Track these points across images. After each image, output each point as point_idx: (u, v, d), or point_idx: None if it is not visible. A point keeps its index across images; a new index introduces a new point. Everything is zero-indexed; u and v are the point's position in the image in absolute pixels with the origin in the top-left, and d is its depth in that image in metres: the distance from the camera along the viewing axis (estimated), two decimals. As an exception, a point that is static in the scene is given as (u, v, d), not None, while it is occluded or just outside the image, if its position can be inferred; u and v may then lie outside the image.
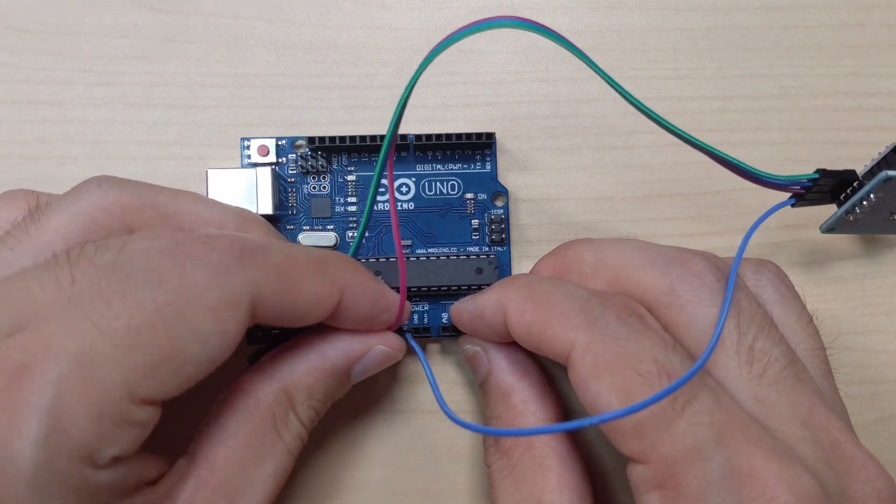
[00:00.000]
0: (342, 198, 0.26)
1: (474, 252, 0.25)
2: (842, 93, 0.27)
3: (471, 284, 0.25)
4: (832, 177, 0.23)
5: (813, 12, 0.27)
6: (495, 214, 0.26)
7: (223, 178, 0.24)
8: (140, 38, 0.27)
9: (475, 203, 0.26)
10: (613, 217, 0.26)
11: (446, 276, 0.25)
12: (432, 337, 0.26)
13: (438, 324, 0.26)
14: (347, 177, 0.26)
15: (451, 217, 0.26)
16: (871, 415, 0.26)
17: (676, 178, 0.27)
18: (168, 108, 0.26)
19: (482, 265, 0.25)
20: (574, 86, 0.27)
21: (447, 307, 0.25)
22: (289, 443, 0.21)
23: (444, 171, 0.26)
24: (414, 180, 0.26)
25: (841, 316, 0.26)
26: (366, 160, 0.26)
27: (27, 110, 0.26)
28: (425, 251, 0.26)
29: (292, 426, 0.21)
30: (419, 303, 0.26)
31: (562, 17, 0.27)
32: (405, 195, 0.26)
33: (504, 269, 0.26)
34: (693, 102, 0.27)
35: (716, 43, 0.27)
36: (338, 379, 0.22)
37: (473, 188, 0.26)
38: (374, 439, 0.26)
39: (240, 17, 0.27)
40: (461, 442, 0.26)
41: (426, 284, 0.25)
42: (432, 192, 0.26)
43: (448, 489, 0.26)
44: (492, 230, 0.26)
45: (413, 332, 0.25)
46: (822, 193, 0.24)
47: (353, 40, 0.27)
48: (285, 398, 0.21)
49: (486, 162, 0.26)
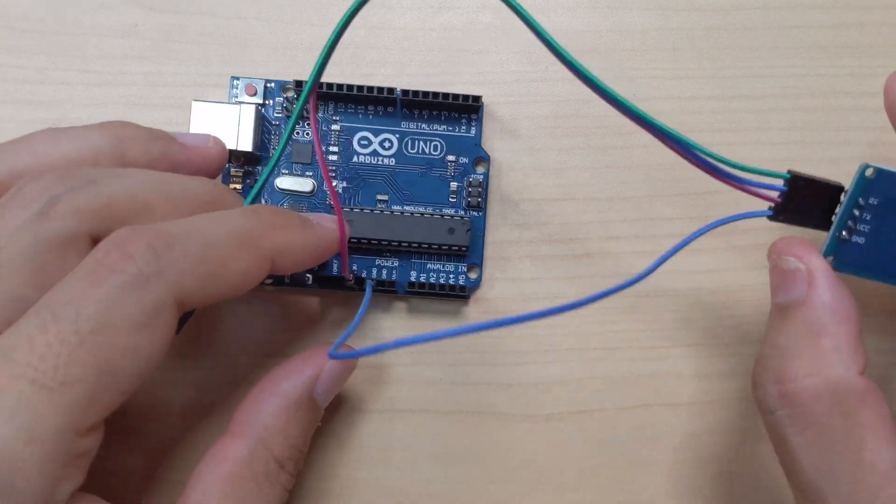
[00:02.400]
0: (324, 146, 0.26)
1: (450, 214, 0.26)
2: (842, 93, 0.27)
3: (441, 244, 0.25)
4: (809, 184, 0.21)
5: (813, 12, 0.27)
6: (474, 178, 0.26)
7: (206, 111, 0.24)
8: (140, 38, 0.27)
9: (456, 166, 0.26)
10: (613, 217, 0.26)
11: (418, 233, 0.25)
12: (398, 294, 0.26)
13: (406, 280, 0.26)
14: (332, 126, 0.26)
15: (431, 177, 0.26)
16: None
17: (676, 178, 0.27)
18: (168, 108, 0.26)
19: (455, 226, 0.25)
20: (574, 86, 0.27)
21: (416, 265, 0.26)
22: (274, 493, 0.21)
23: (429, 130, 0.26)
24: (398, 137, 0.26)
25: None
26: (352, 111, 0.26)
27: (27, 110, 0.26)
28: (401, 207, 0.26)
29: (273, 476, 0.21)
30: (388, 258, 0.26)
31: (562, 17, 0.27)
32: (387, 150, 0.26)
33: (477, 234, 0.26)
34: (693, 102, 0.27)
35: (716, 43, 0.27)
36: (305, 408, 0.22)
37: (456, 151, 0.26)
38: (374, 439, 0.26)
39: (240, 17, 0.27)
40: (461, 442, 0.26)
41: (397, 239, 0.25)
42: (415, 150, 0.26)
43: (448, 489, 0.26)
44: (469, 193, 0.26)
45: (378, 286, 0.25)
46: (804, 209, 0.21)
47: (353, 40, 0.27)
48: (262, 450, 0.21)
49: (472, 126, 0.26)
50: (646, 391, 0.26)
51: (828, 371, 0.19)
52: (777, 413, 0.20)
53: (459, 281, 0.26)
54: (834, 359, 0.19)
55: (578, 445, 0.26)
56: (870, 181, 0.20)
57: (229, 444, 0.21)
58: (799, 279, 0.20)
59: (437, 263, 0.26)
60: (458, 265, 0.26)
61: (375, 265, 0.26)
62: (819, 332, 0.20)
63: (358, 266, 0.25)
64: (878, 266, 0.21)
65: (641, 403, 0.26)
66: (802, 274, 0.20)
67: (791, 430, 0.19)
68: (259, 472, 0.21)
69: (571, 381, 0.26)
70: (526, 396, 0.26)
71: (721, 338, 0.26)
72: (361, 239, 0.25)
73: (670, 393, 0.26)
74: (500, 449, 0.26)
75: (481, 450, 0.26)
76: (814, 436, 0.19)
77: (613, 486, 0.26)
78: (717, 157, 0.21)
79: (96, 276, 0.17)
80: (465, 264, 0.26)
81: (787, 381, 0.20)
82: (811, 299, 0.20)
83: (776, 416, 0.20)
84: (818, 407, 0.19)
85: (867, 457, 0.18)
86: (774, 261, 0.21)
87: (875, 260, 0.21)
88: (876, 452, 0.18)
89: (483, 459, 0.26)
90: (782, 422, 0.20)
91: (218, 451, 0.21)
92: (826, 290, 0.20)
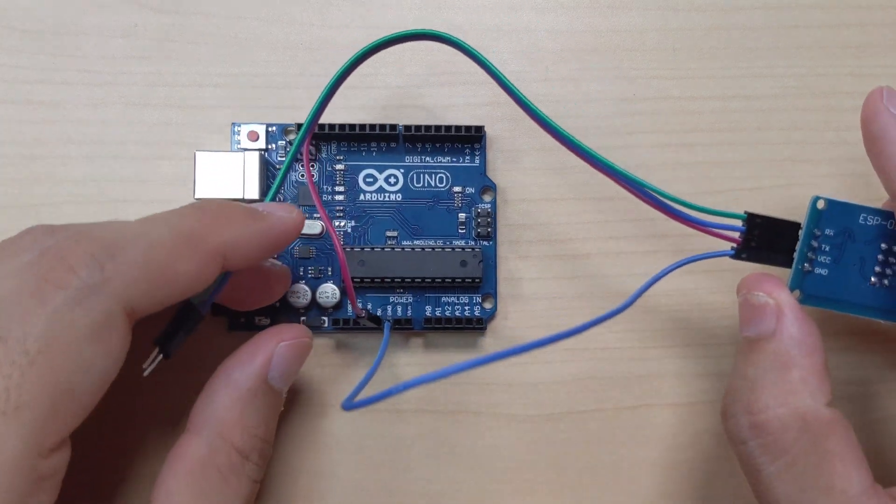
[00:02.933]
0: (330, 186, 0.26)
1: (460, 245, 0.25)
2: (842, 93, 0.27)
3: (455, 277, 0.25)
4: (767, 224, 0.21)
5: (813, 12, 0.27)
6: (482, 208, 0.26)
7: (211, 161, 0.24)
8: (140, 38, 0.26)
9: (463, 197, 0.26)
10: (613, 217, 0.26)
11: (430, 268, 0.25)
12: (415, 330, 0.26)
13: (422, 316, 0.25)
14: (336, 165, 0.26)
15: (439, 210, 0.26)
16: (871, 414, 0.26)
17: (676, 178, 0.27)
18: (168, 108, 0.26)
19: (467, 258, 0.25)
20: (574, 86, 0.27)
21: (431, 300, 0.25)
22: (241, 485, 0.21)
23: (433, 163, 0.26)
24: (402, 171, 0.26)
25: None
26: (355, 149, 0.26)
27: (27, 110, 0.26)
28: (411, 243, 0.26)
29: (238, 468, 0.21)
30: (402, 294, 0.26)
31: (562, 17, 0.27)
32: (393, 186, 0.26)
33: (489, 264, 0.26)
34: (693, 102, 0.27)
35: (716, 43, 0.27)
36: (261, 396, 0.22)
37: (462, 181, 0.26)
38: (374, 439, 0.26)
39: (240, 17, 0.27)
40: (461, 442, 0.26)
41: (409, 276, 0.25)
42: (420, 184, 0.26)
43: (448, 489, 0.26)
44: (478, 223, 0.26)
45: (395, 325, 0.25)
46: (766, 247, 0.22)
47: (353, 40, 0.27)
48: (222, 444, 0.21)
49: (476, 156, 0.26)
50: (646, 391, 0.26)
51: (796, 402, 0.20)
52: (749, 443, 0.20)
53: (475, 312, 0.26)
54: (802, 389, 0.20)
55: (578, 445, 0.26)
56: (821, 212, 0.21)
57: (188, 442, 0.21)
58: (768, 313, 0.21)
59: (451, 296, 0.26)
60: (472, 296, 0.26)
61: (390, 302, 0.25)
62: (787, 365, 0.20)
63: (372, 304, 0.25)
64: (844, 296, 0.22)
65: (641, 403, 0.26)
66: (771, 308, 0.21)
67: (763, 460, 0.20)
68: (222, 466, 0.21)
69: (571, 381, 0.26)
70: (526, 396, 0.26)
71: (720, 338, 0.26)
72: (375, 278, 0.25)
73: (670, 393, 0.26)
74: (500, 449, 0.26)
75: (481, 450, 0.26)
76: (785, 464, 0.20)
77: (613, 486, 0.26)
78: (675, 200, 0.21)
79: (41, 294, 0.17)
80: (480, 295, 0.26)
81: (757, 412, 0.20)
82: (780, 333, 0.21)
83: (748, 447, 0.20)
84: (788, 436, 0.20)
85: (838, 483, 0.19)
86: (744, 295, 0.22)
87: (840, 290, 0.22)
88: (846, 478, 0.19)
89: (483, 459, 0.26)
90: (754, 452, 0.20)
91: (177, 450, 0.21)
92: (793, 324, 0.21)
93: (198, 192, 0.24)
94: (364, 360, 0.26)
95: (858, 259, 0.22)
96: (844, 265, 0.22)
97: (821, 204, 0.21)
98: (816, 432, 0.19)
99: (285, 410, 0.25)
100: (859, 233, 0.22)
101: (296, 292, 0.25)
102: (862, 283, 0.22)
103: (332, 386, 0.26)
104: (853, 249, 0.22)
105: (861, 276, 0.22)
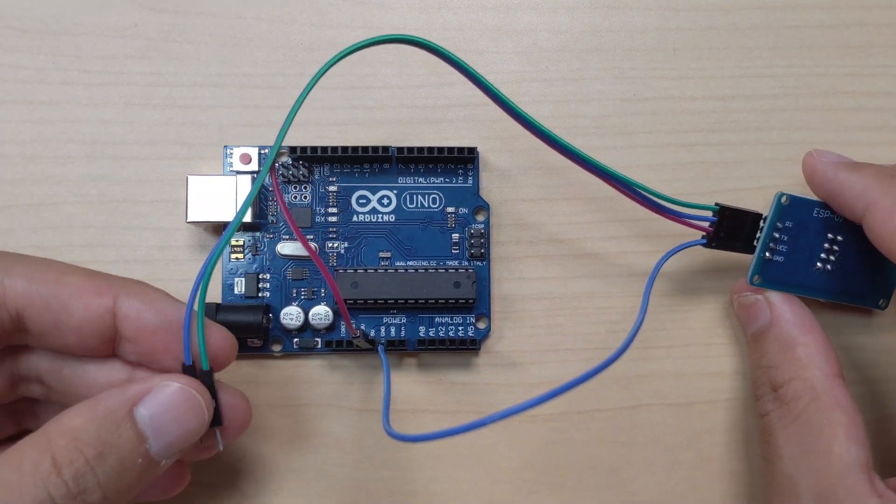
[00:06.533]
0: (322, 208, 0.26)
1: (453, 266, 0.25)
2: (842, 93, 0.27)
3: (448, 298, 0.24)
4: (735, 215, 0.23)
5: (813, 12, 0.27)
6: (475, 229, 0.26)
7: (203, 185, 0.24)
8: (140, 38, 0.26)
9: (456, 217, 0.26)
10: (613, 217, 0.26)
11: (424, 289, 0.24)
12: (408, 350, 0.26)
13: (416, 337, 0.25)
14: (329, 187, 0.26)
15: (432, 230, 0.26)
16: (871, 414, 0.26)
17: (676, 178, 0.27)
18: (168, 108, 0.26)
19: (460, 279, 0.24)
20: (574, 86, 0.27)
21: (424, 320, 0.25)
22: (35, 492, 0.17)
23: (426, 184, 0.26)
24: (395, 192, 0.26)
25: (841, 316, 0.26)
26: (348, 171, 0.26)
27: (27, 110, 0.26)
28: (405, 263, 0.26)
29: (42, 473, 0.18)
30: (396, 315, 0.26)
31: (562, 17, 0.27)
32: (386, 207, 0.26)
33: (483, 284, 0.26)
34: (693, 102, 0.27)
35: (716, 43, 0.27)
36: (115, 422, 0.19)
37: (455, 202, 0.26)
38: (375, 439, 0.26)
39: (240, 17, 0.27)
40: (461, 442, 0.26)
41: (403, 297, 0.24)
42: (414, 204, 0.26)
43: (448, 489, 0.26)
44: (471, 244, 0.26)
45: (388, 346, 0.25)
46: (732, 236, 0.24)
47: (353, 40, 0.27)
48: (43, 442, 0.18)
49: (469, 176, 0.26)
50: (646, 391, 0.26)
51: (806, 374, 0.22)
52: (771, 414, 0.23)
53: (469, 333, 0.26)
54: (810, 364, 0.23)
55: (578, 445, 0.26)
56: (784, 207, 0.24)
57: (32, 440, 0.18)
58: (761, 307, 0.24)
59: (444, 317, 0.26)
60: (466, 317, 0.26)
61: (383, 323, 0.25)
62: (791, 344, 0.23)
63: (366, 325, 0.25)
64: (795, 280, 0.24)
65: (641, 403, 0.26)
66: (762, 302, 0.24)
67: (778, 426, 0.22)
68: (27, 460, 0.18)
69: (571, 381, 0.26)
70: (526, 396, 0.26)
71: (720, 338, 0.26)
72: (368, 300, 0.24)
73: (670, 393, 0.26)
74: (500, 449, 0.26)
75: (481, 450, 0.26)
76: (795, 430, 0.22)
77: (613, 486, 0.26)
78: (653, 193, 0.23)
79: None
80: (474, 315, 0.26)
81: (776, 388, 0.23)
82: (776, 319, 0.24)
83: (770, 416, 0.23)
84: (799, 404, 0.22)
85: (836, 449, 0.21)
86: (737, 300, 0.25)
87: (792, 275, 0.24)
88: (844, 448, 0.21)
89: (483, 459, 0.26)
90: (773, 419, 0.23)
91: None
92: (786, 310, 0.24)
93: (190, 216, 0.24)
94: (361, 374, 0.26)
95: (809, 247, 0.24)
96: (797, 253, 0.24)
97: (784, 199, 0.23)
98: (824, 403, 0.22)
99: (285, 409, 0.25)
100: (812, 225, 0.24)
101: (289, 314, 0.25)
102: (810, 268, 0.24)
103: (331, 387, 0.26)
104: (805, 239, 0.24)
105: (809, 263, 0.24)
